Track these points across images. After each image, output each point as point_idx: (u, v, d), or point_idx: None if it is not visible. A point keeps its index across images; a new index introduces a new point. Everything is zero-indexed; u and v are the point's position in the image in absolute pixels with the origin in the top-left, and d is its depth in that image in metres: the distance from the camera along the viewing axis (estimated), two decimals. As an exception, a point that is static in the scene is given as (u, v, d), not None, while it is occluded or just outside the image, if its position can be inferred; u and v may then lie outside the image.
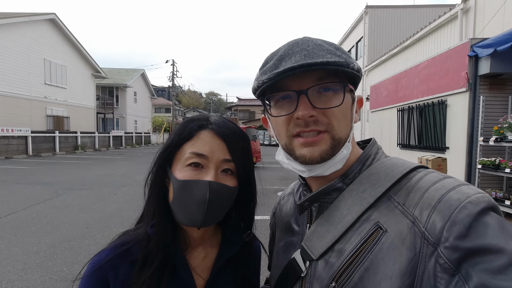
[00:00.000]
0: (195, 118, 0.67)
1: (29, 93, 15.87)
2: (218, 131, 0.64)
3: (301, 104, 0.52)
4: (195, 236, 0.69)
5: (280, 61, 0.53)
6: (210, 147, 0.62)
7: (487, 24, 6.78)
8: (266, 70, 0.54)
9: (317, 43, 0.54)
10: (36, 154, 15.09)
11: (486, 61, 5.02)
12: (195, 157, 0.62)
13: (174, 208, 0.64)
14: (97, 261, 0.62)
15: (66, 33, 18.48)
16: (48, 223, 4.53)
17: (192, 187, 0.61)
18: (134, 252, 0.64)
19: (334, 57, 0.51)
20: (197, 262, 0.69)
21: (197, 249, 0.70)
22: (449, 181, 0.48)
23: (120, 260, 0.63)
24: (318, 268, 0.55)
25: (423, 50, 9.67)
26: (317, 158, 0.53)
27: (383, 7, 16.11)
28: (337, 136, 0.54)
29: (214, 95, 75.19)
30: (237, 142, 0.65)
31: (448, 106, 6.09)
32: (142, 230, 0.67)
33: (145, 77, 31.94)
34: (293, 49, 0.53)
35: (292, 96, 0.54)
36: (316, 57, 0.50)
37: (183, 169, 0.62)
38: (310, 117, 0.52)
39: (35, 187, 7.20)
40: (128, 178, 8.88)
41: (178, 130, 0.66)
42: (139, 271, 0.61)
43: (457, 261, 0.41)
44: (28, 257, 3.35)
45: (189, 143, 0.63)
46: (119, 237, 0.68)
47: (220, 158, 0.63)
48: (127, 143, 25.80)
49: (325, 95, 0.53)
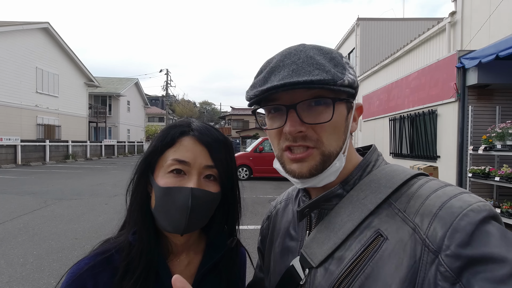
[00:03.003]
0: (176, 124, 0.66)
1: (20, 101, 15.64)
2: (200, 137, 0.63)
3: (290, 120, 0.52)
4: (178, 243, 0.68)
5: (269, 75, 0.52)
6: (192, 154, 0.62)
7: (474, 36, 7.00)
8: (256, 83, 0.54)
9: (309, 55, 0.52)
10: (25, 163, 14.76)
11: (473, 72, 5.16)
12: (177, 163, 0.61)
13: (156, 215, 0.63)
14: (76, 270, 0.60)
15: (59, 42, 18.41)
16: (35, 234, 4.41)
17: (174, 194, 0.60)
18: (115, 260, 0.62)
19: (321, 74, 0.49)
20: (180, 269, 0.68)
21: (180, 256, 0.69)
22: (450, 189, 0.48)
23: (101, 269, 0.61)
24: (318, 276, 0.54)
25: (413, 61, 9.90)
26: (306, 174, 0.53)
27: (374, 20, 16.54)
28: (327, 152, 0.53)
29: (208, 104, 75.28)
30: (219, 148, 0.65)
31: (439, 115, 6.21)
32: (124, 238, 0.65)
33: (138, 86, 31.86)
34: (284, 61, 0.52)
35: (282, 109, 0.53)
36: (302, 74, 0.49)
37: (165, 175, 0.62)
38: (298, 132, 0.52)
39: (23, 197, 7.02)
40: (120, 187, 8.72)
41: (160, 136, 0.65)
42: (120, 279, 0.60)
43: (458, 270, 0.40)
44: (13, 270, 3.24)
45: (171, 149, 0.63)
46: (101, 245, 0.66)
47: (202, 164, 0.62)
48: (120, 152, 25.49)
49: (316, 109, 0.52)
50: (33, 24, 16.48)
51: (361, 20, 16.38)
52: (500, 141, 4.55)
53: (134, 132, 30.82)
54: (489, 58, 4.48)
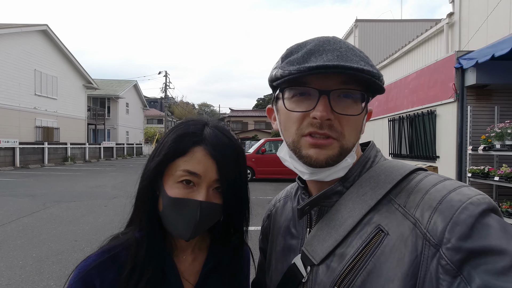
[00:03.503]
0: (190, 131, 0.63)
1: (18, 104, 15.61)
2: (211, 152, 0.61)
3: (321, 104, 0.50)
4: (183, 241, 0.68)
5: (309, 56, 0.50)
6: (204, 167, 0.60)
7: (472, 37, 7.04)
8: (293, 60, 0.51)
9: (349, 47, 0.52)
10: (24, 166, 14.71)
11: (472, 72, 5.18)
12: (188, 175, 0.60)
13: (163, 219, 0.63)
14: (84, 267, 0.61)
15: (58, 44, 18.40)
16: (35, 237, 4.39)
17: (183, 205, 0.60)
18: (122, 257, 0.63)
19: (367, 66, 0.49)
20: (185, 266, 0.68)
21: (185, 252, 0.69)
22: (449, 183, 0.48)
23: (107, 266, 0.61)
24: (320, 273, 0.54)
25: (412, 62, 9.94)
26: (322, 162, 0.52)
27: (372, 21, 16.61)
28: (346, 146, 0.53)
29: (207, 106, 75.25)
30: (228, 162, 0.62)
31: (438, 116, 6.23)
32: (131, 235, 0.65)
33: (137, 88, 31.85)
34: (324, 46, 0.51)
35: (312, 94, 0.51)
36: (350, 61, 0.48)
37: (175, 185, 0.61)
38: (327, 119, 0.50)
39: (22, 199, 6.99)
40: (119, 189, 8.70)
41: (172, 144, 0.62)
42: (127, 276, 0.60)
43: (459, 262, 0.41)
44: (13, 272, 3.22)
45: (183, 159, 0.61)
46: (109, 242, 0.67)
47: (212, 178, 0.61)
48: (119, 154, 25.42)
49: (345, 101, 0.52)
50: (32, 27, 16.48)
51: (359, 22, 16.45)
52: (499, 141, 4.56)
53: (133, 134, 30.77)
54: (485, 58, 4.50)
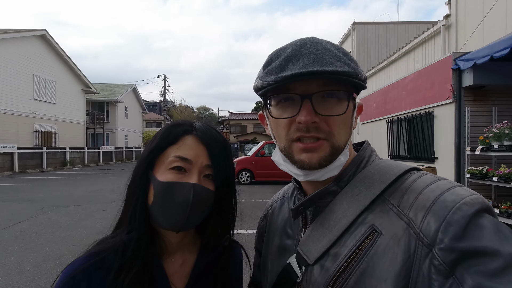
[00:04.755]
0: (179, 123, 0.68)
1: (17, 108, 15.59)
2: (202, 137, 0.65)
3: (304, 109, 0.51)
4: (173, 241, 0.67)
5: (286, 62, 0.51)
6: (195, 152, 0.63)
7: (468, 39, 7.08)
8: (271, 70, 0.53)
9: (326, 47, 0.52)
10: (22, 170, 14.66)
11: (469, 73, 5.21)
12: (179, 161, 0.62)
13: (154, 211, 0.63)
14: (70, 271, 0.60)
15: (56, 48, 18.43)
16: (32, 242, 4.36)
17: (175, 189, 0.60)
18: (110, 261, 0.62)
19: (343, 66, 0.50)
20: (174, 269, 0.67)
21: (174, 255, 0.68)
22: (443, 183, 0.48)
23: (95, 269, 0.60)
24: (314, 272, 0.54)
25: (409, 64, 9.99)
26: (315, 165, 0.53)
27: (370, 23, 16.70)
28: (337, 144, 0.53)
29: (206, 109, 75.30)
30: (218, 149, 0.65)
31: (435, 117, 6.25)
32: (118, 238, 0.65)
33: (136, 92, 31.88)
34: (301, 51, 0.51)
35: (295, 99, 0.52)
36: (326, 64, 0.49)
37: (166, 171, 0.62)
38: (312, 123, 0.51)
39: (20, 204, 6.95)
40: (118, 193, 8.63)
41: (163, 134, 0.66)
42: (114, 279, 0.59)
43: (452, 263, 0.41)
44: (9, 278, 3.20)
45: (174, 147, 0.64)
46: (95, 245, 0.66)
47: (203, 163, 0.63)
48: (118, 158, 25.39)
49: (329, 101, 0.52)
50: (30, 32, 16.50)
51: (357, 24, 16.54)
52: (497, 142, 4.56)
53: (132, 138, 30.74)
54: (484, 60, 4.52)
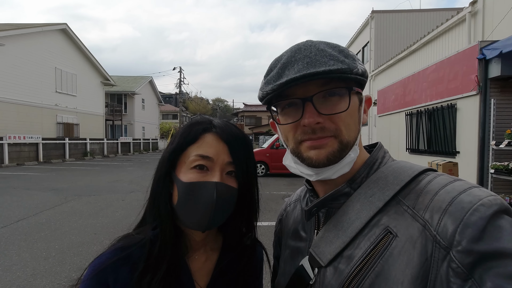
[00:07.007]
0: (198, 121, 0.67)
1: (41, 101, 16.24)
2: (221, 134, 0.64)
3: (307, 112, 0.52)
4: (197, 239, 0.68)
5: (283, 70, 0.53)
6: (215, 150, 0.63)
7: (496, 26, 6.69)
8: (270, 79, 0.54)
9: (320, 48, 0.53)
10: (47, 160, 15.36)
11: (496, 63, 4.94)
12: (200, 159, 0.62)
13: (178, 211, 0.63)
14: (98, 264, 0.62)
15: (76, 42, 18.94)
16: (57, 229, 4.59)
17: (199, 189, 0.61)
18: (135, 256, 0.63)
19: (336, 64, 0.51)
20: (197, 266, 0.68)
21: (198, 252, 0.69)
22: (459, 184, 0.47)
23: (121, 264, 0.62)
24: (327, 275, 0.53)
25: (431, 53, 9.58)
26: (324, 161, 0.53)
27: (389, 12, 16.08)
28: (345, 140, 0.53)
29: (221, 101, 75.67)
30: (239, 145, 0.65)
31: (458, 109, 6.00)
32: (144, 234, 0.66)
33: (153, 84, 32.41)
34: (295, 56, 0.53)
35: (297, 103, 0.53)
36: (319, 65, 0.50)
37: (188, 171, 0.62)
38: (316, 124, 0.52)
39: (45, 193, 7.31)
40: (136, 184, 8.94)
41: (183, 133, 0.66)
42: (141, 275, 0.61)
43: (470, 265, 0.40)
44: (37, 263, 3.39)
45: (194, 145, 0.63)
46: (119, 240, 0.67)
47: (225, 160, 0.63)
48: (135, 149, 26.08)
49: (331, 100, 0.53)
50: (52, 26, 17.01)
51: (376, 13, 15.97)
52: (524, 136, 4.35)
53: (148, 129, 31.41)
54: (511, 48, 4.27)
